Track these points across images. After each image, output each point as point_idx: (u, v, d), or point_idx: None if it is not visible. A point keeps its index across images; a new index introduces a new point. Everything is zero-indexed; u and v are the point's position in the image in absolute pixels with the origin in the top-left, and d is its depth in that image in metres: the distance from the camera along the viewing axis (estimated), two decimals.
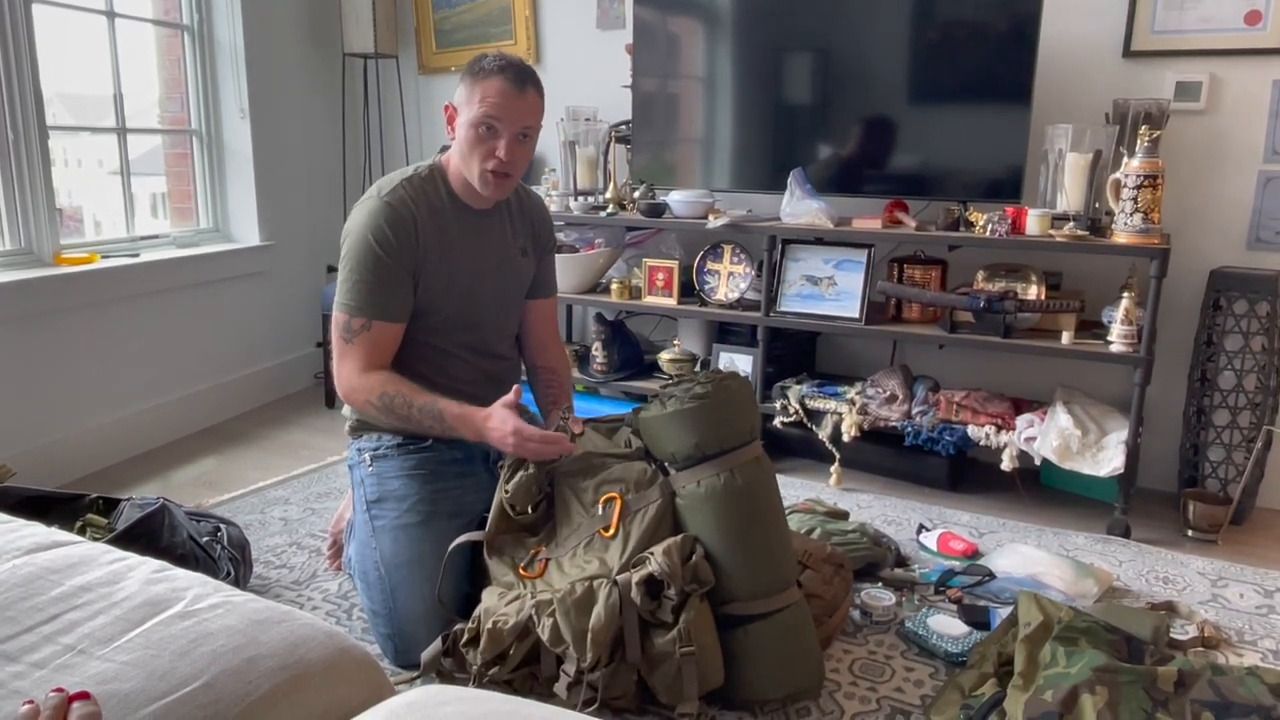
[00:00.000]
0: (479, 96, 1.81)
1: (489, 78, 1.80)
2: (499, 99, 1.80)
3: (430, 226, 1.88)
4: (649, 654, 1.58)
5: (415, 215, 1.86)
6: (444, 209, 1.91)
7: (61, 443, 2.77)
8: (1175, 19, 2.64)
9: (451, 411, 1.77)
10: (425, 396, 1.79)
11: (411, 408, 1.79)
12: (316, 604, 2.04)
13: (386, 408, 1.81)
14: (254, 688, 1.02)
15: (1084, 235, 2.45)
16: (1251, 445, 2.54)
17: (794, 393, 2.86)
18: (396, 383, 1.82)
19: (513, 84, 1.80)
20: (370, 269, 1.83)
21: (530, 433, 1.70)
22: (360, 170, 3.91)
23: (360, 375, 1.83)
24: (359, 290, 1.83)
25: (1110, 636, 1.58)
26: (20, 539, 1.29)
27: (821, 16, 2.80)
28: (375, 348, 1.84)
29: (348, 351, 1.85)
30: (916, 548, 2.37)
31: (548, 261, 2.16)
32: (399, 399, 1.80)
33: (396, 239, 1.82)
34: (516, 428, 1.69)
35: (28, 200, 2.72)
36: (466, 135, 1.83)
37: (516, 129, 1.83)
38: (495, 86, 1.80)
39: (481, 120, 1.81)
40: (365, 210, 1.86)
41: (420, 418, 1.79)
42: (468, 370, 1.98)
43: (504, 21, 3.58)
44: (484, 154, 1.83)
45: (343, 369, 1.86)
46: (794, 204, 2.76)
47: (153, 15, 3.29)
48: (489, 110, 1.80)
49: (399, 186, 1.88)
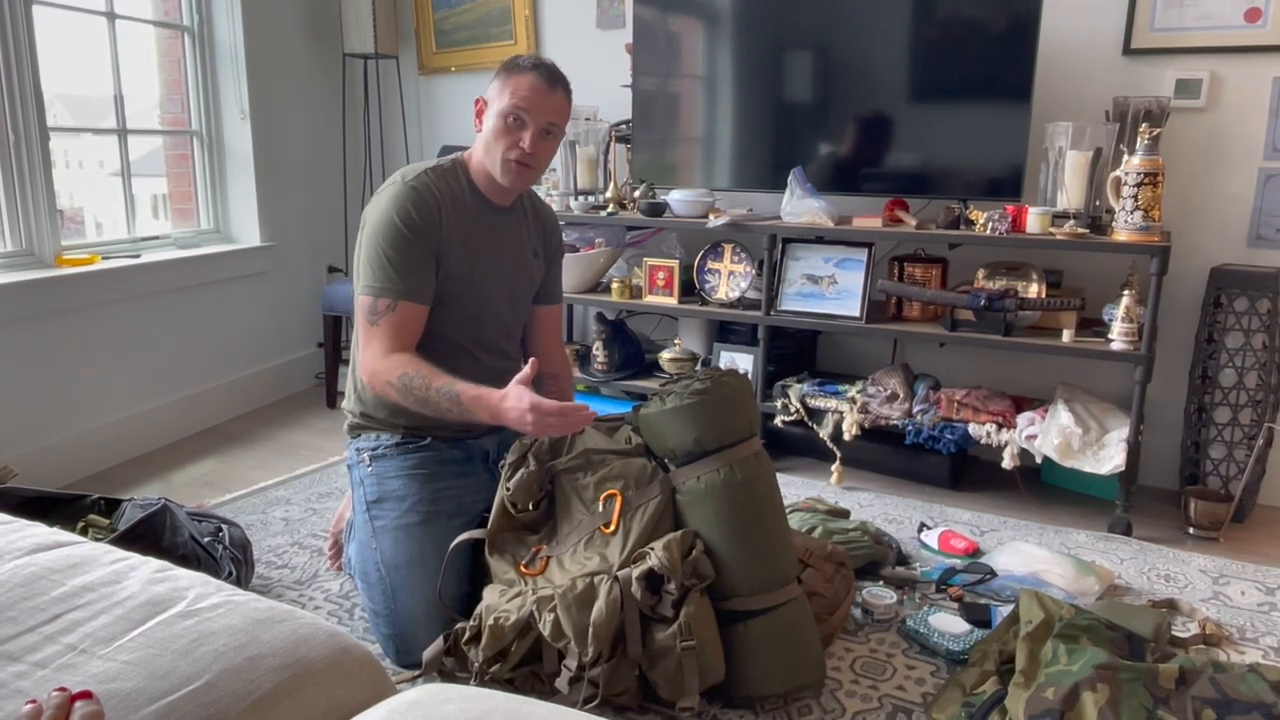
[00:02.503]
0: (511, 89, 1.87)
1: (523, 73, 1.88)
2: (530, 92, 1.86)
3: (453, 213, 1.90)
4: (650, 649, 1.58)
5: (439, 200, 1.88)
6: (465, 200, 1.94)
7: (63, 443, 2.77)
8: (1175, 16, 2.64)
9: (468, 393, 1.73)
10: (443, 378, 1.76)
11: (430, 389, 1.76)
12: (318, 604, 2.05)
13: (406, 388, 1.78)
14: (256, 687, 1.02)
15: (1084, 233, 2.45)
16: (1253, 442, 2.54)
17: (795, 391, 2.86)
18: (417, 364, 1.79)
19: (545, 80, 1.88)
20: (396, 247, 1.82)
21: (549, 406, 1.63)
22: (361, 170, 3.92)
23: (383, 358, 1.81)
24: (384, 270, 1.82)
25: (1111, 634, 1.58)
26: (22, 539, 1.29)
27: (821, 15, 2.80)
28: (400, 330, 1.83)
29: (373, 335, 1.83)
30: (918, 546, 2.38)
31: (556, 269, 2.18)
32: (418, 380, 1.77)
33: (422, 219, 1.84)
34: (534, 403, 1.64)
35: (29, 201, 2.72)
36: (494, 125, 1.89)
37: (542, 123, 1.88)
38: (528, 81, 1.87)
39: (510, 110, 1.86)
40: (389, 194, 1.87)
41: (438, 399, 1.76)
42: (477, 368, 1.96)
43: (504, 21, 3.58)
44: (509, 143, 1.87)
45: (367, 353, 1.84)
46: (794, 203, 2.76)
47: (153, 16, 3.29)
48: (519, 102, 1.86)
49: (424, 174, 1.91)
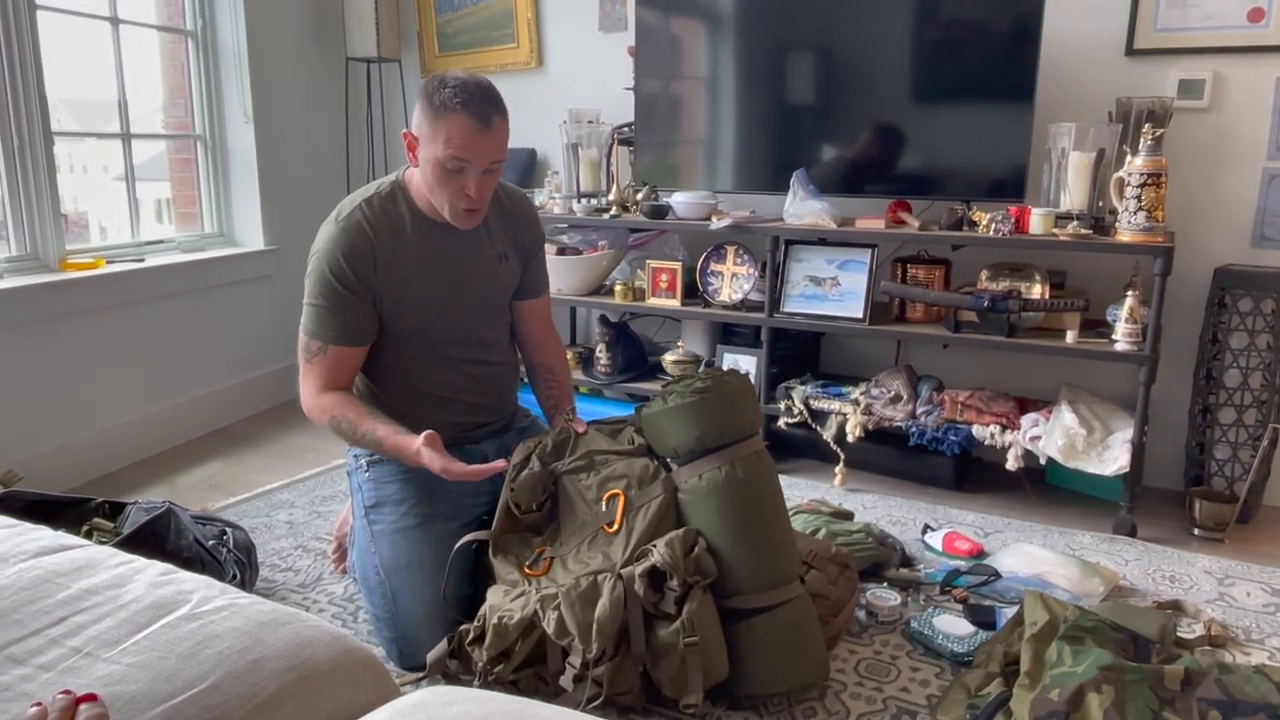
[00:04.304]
0: (444, 136, 1.72)
1: (452, 115, 1.70)
2: (465, 139, 1.71)
3: (390, 248, 1.85)
4: (653, 647, 1.58)
5: (372, 240, 1.83)
6: (404, 227, 1.87)
7: (67, 447, 2.78)
8: (1178, 17, 2.64)
9: (389, 441, 1.77)
10: (368, 423, 1.80)
11: (355, 431, 1.81)
12: (322, 606, 2.05)
13: (336, 429, 1.84)
14: (260, 689, 1.02)
15: (1088, 234, 2.45)
16: (1257, 443, 2.54)
17: (798, 393, 2.86)
18: (345, 405, 1.83)
19: (478, 121, 1.71)
20: (326, 297, 1.83)
21: (457, 469, 1.69)
22: (364, 173, 3.92)
23: (317, 395, 1.86)
24: (316, 315, 1.85)
25: (1116, 635, 1.58)
26: (27, 543, 1.29)
27: (823, 16, 2.80)
28: (332, 370, 1.86)
29: (308, 371, 1.88)
30: (922, 548, 2.37)
31: (536, 263, 2.11)
32: (344, 423, 1.82)
33: (351, 269, 1.81)
34: (444, 467, 1.69)
35: (33, 206, 2.73)
36: (433, 172, 1.77)
37: (484, 164, 1.76)
38: (460, 125, 1.70)
39: (448, 161, 1.73)
40: (324, 237, 1.85)
41: (364, 442, 1.82)
42: (457, 377, 1.97)
43: (506, 24, 3.58)
44: (454, 192, 1.78)
45: (304, 388, 1.89)
46: (797, 204, 2.76)
47: (156, 21, 3.30)
48: (456, 152, 1.72)
49: (357, 209, 1.85)
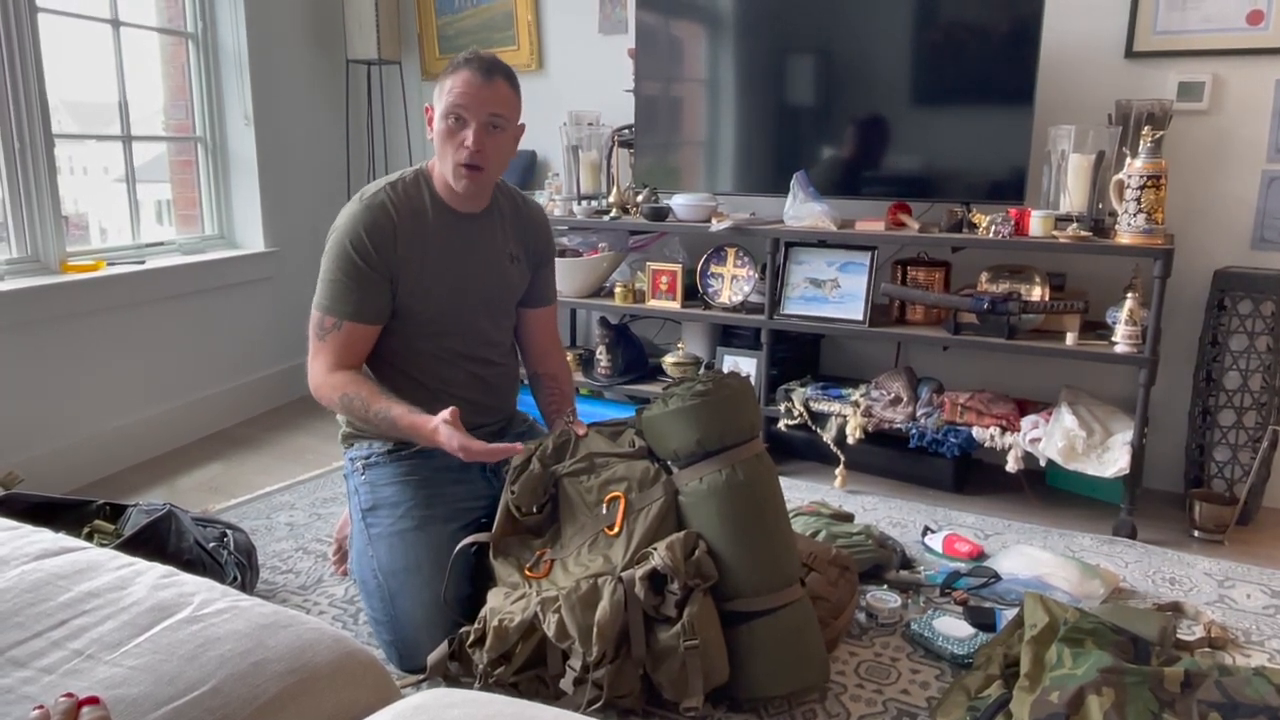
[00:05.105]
0: (447, 88, 1.83)
1: (457, 70, 1.83)
2: (465, 87, 1.81)
3: (411, 230, 1.89)
4: (654, 649, 1.58)
5: (395, 220, 1.87)
6: (426, 212, 1.92)
7: (68, 449, 2.78)
8: (1177, 19, 2.64)
9: (403, 420, 1.77)
10: (381, 401, 1.80)
11: (369, 410, 1.81)
12: (323, 609, 2.05)
13: (346, 407, 1.84)
14: (261, 692, 1.02)
15: (1087, 236, 2.45)
16: (1257, 445, 2.54)
17: (798, 395, 2.86)
18: (358, 384, 1.83)
19: (478, 73, 1.82)
20: (345, 272, 1.85)
21: (477, 448, 1.71)
22: (364, 176, 3.92)
23: (328, 373, 1.86)
24: (333, 291, 1.87)
25: (1116, 637, 1.58)
26: (28, 545, 1.29)
27: (823, 18, 2.81)
28: (345, 348, 1.87)
29: (320, 349, 1.88)
30: (922, 550, 2.37)
31: (545, 272, 2.15)
32: (357, 400, 1.82)
33: (373, 244, 1.84)
34: (462, 444, 1.70)
35: (34, 208, 2.73)
36: (439, 130, 1.86)
37: (484, 116, 1.82)
38: (462, 77, 1.82)
39: (450, 111, 1.82)
40: (347, 214, 1.89)
41: (376, 421, 1.81)
42: (459, 373, 1.98)
43: (506, 26, 3.59)
44: (455, 146, 1.84)
45: (314, 365, 1.89)
46: (797, 206, 2.76)
47: (157, 23, 3.31)
48: (455, 99, 1.82)
49: (382, 190, 1.90)
